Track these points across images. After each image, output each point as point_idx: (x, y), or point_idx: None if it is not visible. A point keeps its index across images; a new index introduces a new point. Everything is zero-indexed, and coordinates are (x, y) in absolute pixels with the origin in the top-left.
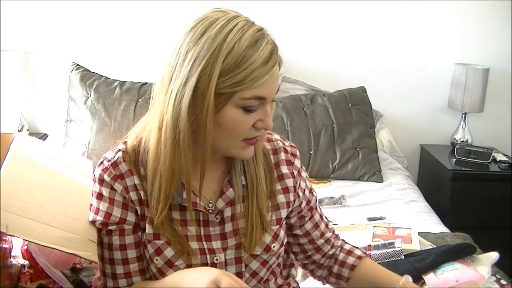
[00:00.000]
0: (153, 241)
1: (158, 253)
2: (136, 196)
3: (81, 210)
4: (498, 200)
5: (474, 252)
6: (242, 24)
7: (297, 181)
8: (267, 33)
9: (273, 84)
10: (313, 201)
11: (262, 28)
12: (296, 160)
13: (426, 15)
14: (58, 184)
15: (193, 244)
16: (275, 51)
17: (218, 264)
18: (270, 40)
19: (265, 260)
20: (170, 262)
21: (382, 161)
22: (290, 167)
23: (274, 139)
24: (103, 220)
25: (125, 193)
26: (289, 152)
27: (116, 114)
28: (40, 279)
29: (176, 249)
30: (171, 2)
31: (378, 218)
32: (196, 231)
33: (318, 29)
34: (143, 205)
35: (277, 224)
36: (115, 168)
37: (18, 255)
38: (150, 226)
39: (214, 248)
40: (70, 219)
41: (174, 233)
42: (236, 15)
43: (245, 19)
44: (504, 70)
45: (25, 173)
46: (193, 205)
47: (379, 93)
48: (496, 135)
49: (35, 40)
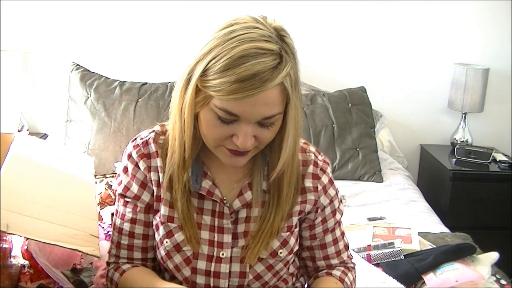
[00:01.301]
0: (166, 223)
1: (169, 235)
2: (156, 177)
3: (82, 206)
4: (498, 200)
5: (474, 252)
6: (252, 35)
7: (319, 196)
8: (272, 56)
9: (252, 107)
10: (330, 222)
11: (272, 50)
12: (324, 176)
13: (426, 15)
14: (58, 181)
15: (204, 233)
16: (264, 77)
17: (223, 259)
18: (268, 64)
19: (271, 265)
20: (179, 246)
21: (382, 161)
22: (316, 181)
23: (308, 151)
24: (121, 192)
25: (147, 172)
26: (319, 167)
27: (116, 114)
28: (40, 279)
29: (186, 234)
30: (171, 2)
31: (378, 218)
32: (211, 222)
33: (318, 29)
34: (160, 187)
35: (287, 231)
36: (145, 147)
37: (18, 255)
38: (166, 208)
39: (223, 242)
40: (71, 216)
41: (187, 215)
42: (256, 26)
43: (261, 34)
44: (504, 70)
45: (25, 172)
46: (209, 194)
47: (379, 93)
48: (496, 135)
49: (35, 40)
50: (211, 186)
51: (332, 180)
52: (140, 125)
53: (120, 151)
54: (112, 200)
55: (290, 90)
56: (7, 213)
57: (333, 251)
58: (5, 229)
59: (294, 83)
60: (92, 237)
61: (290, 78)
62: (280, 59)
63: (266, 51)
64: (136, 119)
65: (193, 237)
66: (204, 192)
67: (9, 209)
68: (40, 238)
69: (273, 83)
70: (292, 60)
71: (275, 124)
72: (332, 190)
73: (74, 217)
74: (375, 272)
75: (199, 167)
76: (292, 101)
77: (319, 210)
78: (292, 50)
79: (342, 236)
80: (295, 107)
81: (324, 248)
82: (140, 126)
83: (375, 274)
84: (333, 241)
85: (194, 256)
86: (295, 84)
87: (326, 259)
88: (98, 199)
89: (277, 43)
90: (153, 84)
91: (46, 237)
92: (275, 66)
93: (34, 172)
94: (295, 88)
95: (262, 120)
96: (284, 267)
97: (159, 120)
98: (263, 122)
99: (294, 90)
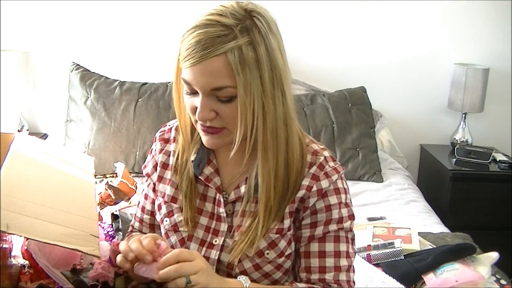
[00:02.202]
0: (169, 202)
1: (170, 215)
2: (165, 159)
3: (82, 206)
4: (498, 200)
5: (474, 252)
6: (211, 11)
7: (310, 196)
8: (220, 27)
9: (199, 76)
10: (319, 230)
11: (222, 23)
12: (325, 180)
13: (426, 15)
14: (58, 181)
15: (203, 219)
16: (205, 44)
17: (215, 245)
18: (212, 34)
19: (258, 264)
20: (176, 226)
21: (382, 161)
22: (313, 181)
23: (319, 154)
24: (143, 169)
25: (158, 153)
26: (324, 170)
27: (116, 114)
28: (40, 279)
29: (184, 215)
30: (171, 2)
31: (378, 218)
32: (211, 209)
33: (318, 29)
34: (166, 169)
35: (277, 233)
36: (168, 132)
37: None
38: (172, 189)
39: (219, 230)
40: (71, 215)
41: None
42: (223, 5)
43: (221, 9)
44: (504, 70)
45: (25, 172)
46: (208, 180)
47: (379, 93)
48: (496, 135)
49: (35, 40)
50: (212, 173)
51: (339, 190)
52: (140, 125)
53: (120, 151)
54: (112, 200)
55: (237, 66)
56: (7, 213)
57: (316, 264)
58: (5, 229)
59: (247, 61)
60: (92, 237)
61: (241, 54)
62: (229, 32)
63: (215, 23)
64: (136, 119)
65: (190, 220)
66: (203, 178)
67: (9, 209)
68: (40, 238)
69: (215, 52)
70: (253, 38)
71: (234, 101)
72: (335, 199)
73: (74, 217)
74: (375, 272)
75: (205, 153)
76: (241, 79)
77: (308, 211)
78: (259, 30)
79: (338, 255)
80: (247, 89)
81: (307, 257)
82: (140, 126)
83: (375, 274)
84: (319, 253)
85: (189, 239)
86: (249, 62)
87: (308, 271)
88: (98, 199)
89: (236, 20)
90: (153, 84)
91: (46, 237)
92: (218, 35)
93: (34, 172)
94: (247, 66)
95: (213, 92)
96: (276, 271)
97: (159, 120)
98: (217, 95)
99: (245, 68)
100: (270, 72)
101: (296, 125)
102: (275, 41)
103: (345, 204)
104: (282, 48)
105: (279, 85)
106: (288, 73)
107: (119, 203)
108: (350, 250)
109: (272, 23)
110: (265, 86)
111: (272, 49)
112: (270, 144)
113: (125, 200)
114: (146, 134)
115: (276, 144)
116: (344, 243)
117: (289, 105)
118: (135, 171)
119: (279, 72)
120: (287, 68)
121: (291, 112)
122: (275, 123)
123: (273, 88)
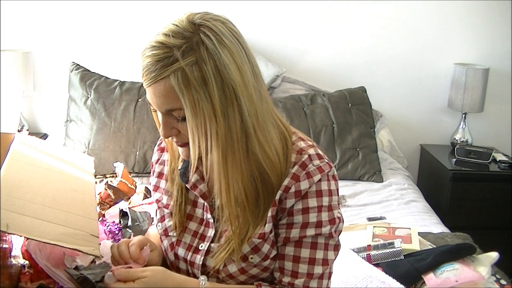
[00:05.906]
0: (162, 208)
1: (162, 220)
2: (159, 169)
3: (82, 206)
4: (498, 200)
5: (474, 252)
6: (161, 30)
7: (286, 197)
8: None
9: (153, 97)
10: (295, 232)
11: (165, 44)
12: (305, 181)
13: (426, 15)
14: (58, 181)
15: (192, 224)
16: (150, 68)
17: (200, 250)
18: (155, 57)
19: (243, 268)
20: (166, 231)
21: (382, 161)
22: (292, 181)
23: (304, 152)
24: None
25: (155, 164)
26: (306, 170)
27: (116, 114)
28: (40, 279)
29: (174, 220)
30: (171, 2)
31: (378, 218)
32: (201, 215)
33: (318, 29)
34: (160, 178)
35: (259, 238)
36: (164, 142)
37: (18, 255)
38: (166, 196)
39: (206, 235)
40: (71, 215)
41: (179, 203)
42: (173, 23)
43: (169, 28)
44: (504, 70)
45: (25, 172)
46: (193, 188)
47: (379, 93)
48: (496, 135)
49: (35, 40)
50: (198, 180)
51: (321, 192)
52: (140, 125)
53: (120, 151)
54: (111, 200)
55: (180, 88)
56: (7, 213)
57: (290, 268)
58: (5, 229)
59: (191, 82)
60: (92, 236)
61: (184, 75)
62: (172, 54)
63: (160, 45)
64: (136, 119)
65: (179, 225)
66: (189, 186)
67: (9, 209)
68: (40, 238)
69: (160, 76)
70: (199, 57)
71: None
72: (315, 201)
73: (74, 217)
74: (375, 272)
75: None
76: (187, 101)
77: (285, 212)
78: (206, 47)
79: (313, 262)
80: (195, 109)
81: (282, 258)
82: (140, 126)
83: (375, 274)
84: (294, 258)
85: (177, 243)
86: (194, 83)
87: (281, 272)
88: (98, 199)
89: (183, 39)
90: None
91: (46, 237)
92: (161, 59)
93: (34, 172)
94: (192, 87)
95: (169, 112)
96: (263, 272)
97: None
98: (173, 114)
99: (190, 90)
100: (220, 90)
101: (268, 131)
102: (228, 55)
103: (328, 207)
104: (241, 60)
105: (233, 101)
106: (252, 84)
107: (118, 203)
108: (328, 257)
109: (225, 36)
110: (215, 104)
111: (223, 64)
112: (229, 159)
113: (124, 199)
114: (146, 134)
115: (237, 159)
116: (321, 250)
117: (252, 117)
118: (135, 171)
119: (233, 87)
120: (250, 80)
121: (258, 121)
122: (230, 140)
123: (226, 105)
